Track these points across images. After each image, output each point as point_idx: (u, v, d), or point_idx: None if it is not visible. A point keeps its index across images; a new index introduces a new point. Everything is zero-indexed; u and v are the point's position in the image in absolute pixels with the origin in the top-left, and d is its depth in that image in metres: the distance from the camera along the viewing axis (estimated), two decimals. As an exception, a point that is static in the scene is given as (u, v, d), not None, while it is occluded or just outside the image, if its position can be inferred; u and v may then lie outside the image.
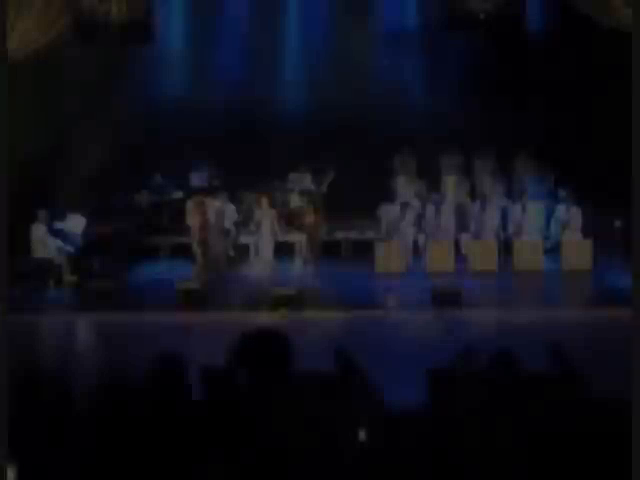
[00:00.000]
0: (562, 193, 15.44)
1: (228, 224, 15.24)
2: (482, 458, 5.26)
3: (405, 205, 15.15)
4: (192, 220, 13.82)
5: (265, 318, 12.27)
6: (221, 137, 16.54)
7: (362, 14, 17.06)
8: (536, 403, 5.88)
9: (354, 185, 16.96)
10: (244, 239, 15.37)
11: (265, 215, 13.83)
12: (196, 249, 13.86)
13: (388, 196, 16.39)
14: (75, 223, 14.94)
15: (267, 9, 16.99)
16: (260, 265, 14.20)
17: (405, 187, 16.56)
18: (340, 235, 16.10)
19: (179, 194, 16.36)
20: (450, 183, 16.84)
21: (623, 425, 4.26)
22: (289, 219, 14.72)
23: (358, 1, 17.16)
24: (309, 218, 13.56)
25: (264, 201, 14.27)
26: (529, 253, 14.58)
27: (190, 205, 14.13)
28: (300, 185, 16.46)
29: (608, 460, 4.47)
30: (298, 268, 13.81)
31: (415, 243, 14.78)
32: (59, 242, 14.57)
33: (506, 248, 14.59)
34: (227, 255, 14.19)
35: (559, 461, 4.67)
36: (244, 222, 15.44)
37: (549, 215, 15.76)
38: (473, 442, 5.36)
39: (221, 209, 13.88)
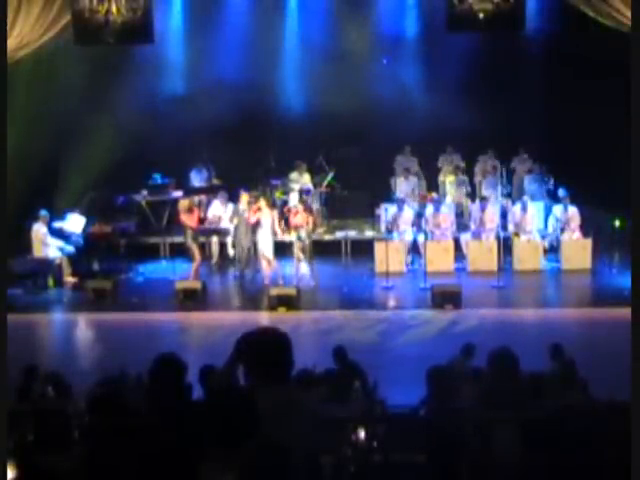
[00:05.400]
0: (561, 193, 15.44)
1: (228, 224, 15.25)
2: (482, 456, 5.26)
3: (402, 202, 15.17)
4: (187, 218, 13.86)
5: (265, 318, 12.27)
6: (221, 137, 16.54)
7: (362, 15, 17.04)
8: (535, 402, 5.88)
9: (354, 184, 16.98)
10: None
11: (264, 215, 13.82)
12: (191, 245, 13.93)
13: (388, 195, 16.39)
14: (75, 223, 14.95)
15: (267, 8, 16.97)
16: (260, 264, 14.18)
17: (405, 187, 16.57)
18: (340, 235, 16.10)
19: (179, 194, 16.36)
20: (450, 183, 16.86)
21: (623, 424, 4.26)
22: (285, 219, 14.76)
23: (358, 2, 17.14)
24: (300, 219, 13.61)
25: (263, 201, 14.25)
26: (529, 253, 14.58)
27: (184, 204, 14.15)
28: (300, 185, 16.45)
29: (608, 459, 4.47)
30: (297, 268, 13.79)
31: (415, 243, 14.77)
32: (59, 242, 14.57)
33: (506, 248, 14.58)
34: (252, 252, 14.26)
35: (559, 460, 4.67)
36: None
37: (549, 215, 15.76)
38: (473, 440, 5.36)
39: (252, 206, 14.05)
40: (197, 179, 17.18)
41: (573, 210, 14.71)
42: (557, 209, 14.98)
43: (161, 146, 16.50)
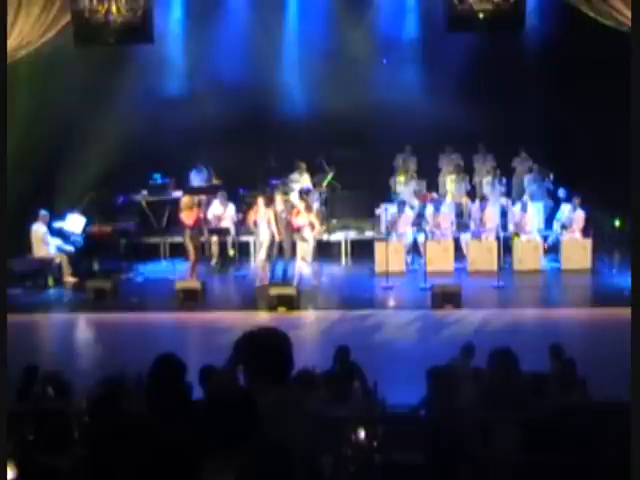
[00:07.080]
0: (562, 193, 15.42)
1: (228, 223, 15.26)
2: (482, 456, 5.25)
3: (402, 204, 15.17)
4: (186, 216, 13.90)
5: (265, 318, 12.26)
6: (221, 137, 16.54)
7: (362, 15, 17.03)
8: (535, 402, 5.88)
9: (354, 184, 16.98)
10: (244, 238, 15.39)
11: (264, 215, 13.82)
12: (188, 243, 13.96)
13: (388, 196, 16.39)
14: (75, 223, 14.95)
15: (267, 8, 16.96)
16: (259, 264, 14.18)
17: (405, 187, 16.58)
18: (340, 235, 16.09)
19: (179, 194, 16.36)
20: (450, 183, 16.86)
21: (623, 424, 4.25)
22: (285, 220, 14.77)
23: (358, 2, 17.13)
24: (301, 219, 13.62)
25: (263, 201, 14.25)
26: (529, 253, 14.57)
27: (185, 202, 14.16)
28: (300, 185, 16.45)
29: (608, 459, 4.47)
30: (297, 268, 13.79)
31: (415, 243, 14.77)
32: (59, 242, 14.56)
33: (506, 248, 14.59)
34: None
35: (559, 460, 4.67)
36: (244, 221, 15.47)
37: (549, 215, 15.76)
38: (473, 440, 5.36)
39: (288, 203, 14.03)
40: (197, 179, 17.18)
41: (580, 213, 14.71)
42: (565, 208, 14.97)
43: (161, 146, 16.49)
